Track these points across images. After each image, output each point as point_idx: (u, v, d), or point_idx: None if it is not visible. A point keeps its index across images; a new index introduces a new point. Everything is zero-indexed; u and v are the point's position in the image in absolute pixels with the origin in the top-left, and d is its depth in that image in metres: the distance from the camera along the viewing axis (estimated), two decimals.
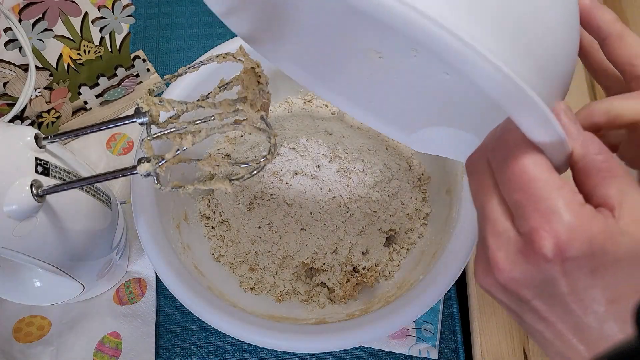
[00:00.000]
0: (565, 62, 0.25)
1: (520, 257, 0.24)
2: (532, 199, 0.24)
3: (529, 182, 0.24)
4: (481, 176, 0.27)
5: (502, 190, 0.25)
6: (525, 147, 0.24)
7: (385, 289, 0.52)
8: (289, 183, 0.51)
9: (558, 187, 0.24)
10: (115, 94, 0.63)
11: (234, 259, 0.53)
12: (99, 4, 0.53)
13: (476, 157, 0.28)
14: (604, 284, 0.24)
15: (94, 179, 0.39)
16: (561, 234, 0.23)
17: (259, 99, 0.36)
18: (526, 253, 0.24)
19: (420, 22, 0.20)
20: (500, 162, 0.25)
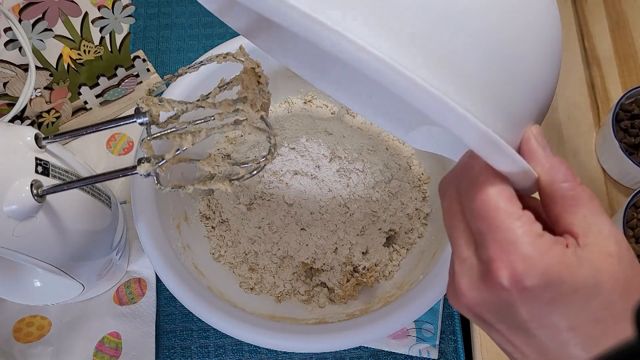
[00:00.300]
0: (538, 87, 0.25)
1: (481, 284, 0.25)
2: (492, 228, 0.24)
3: (489, 211, 0.25)
4: (449, 201, 0.28)
5: (467, 216, 0.26)
6: (488, 175, 0.25)
7: (385, 289, 0.52)
8: (289, 183, 0.51)
9: (517, 217, 0.24)
10: (115, 94, 0.63)
11: (234, 259, 0.53)
12: (99, 4, 0.53)
13: (447, 180, 0.28)
14: (563, 312, 0.24)
15: (94, 179, 0.39)
16: (517, 265, 0.24)
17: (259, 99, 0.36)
18: (486, 281, 0.25)
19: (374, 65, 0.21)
20: (465, 190, 0.26)
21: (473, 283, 0.26)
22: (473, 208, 0.25)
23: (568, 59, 0.67)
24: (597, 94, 0.66)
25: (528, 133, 0.25)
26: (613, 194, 0.61)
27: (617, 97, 0.62)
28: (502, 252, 0.24)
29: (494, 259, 0.24)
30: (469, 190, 0.26)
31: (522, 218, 0.24)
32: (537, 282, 0.24)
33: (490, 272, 0.24)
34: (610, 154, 0.59)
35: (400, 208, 0.54)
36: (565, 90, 0.66)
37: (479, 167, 0.25)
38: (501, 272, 0.24)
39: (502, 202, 0.24)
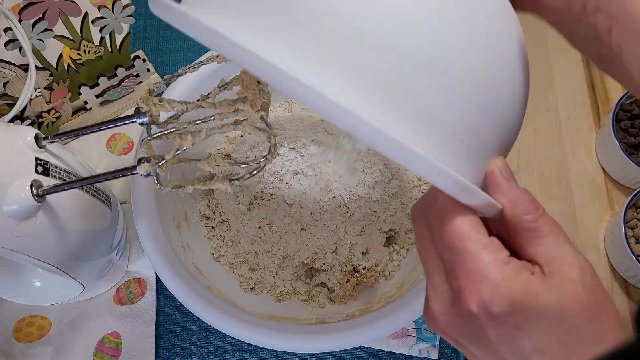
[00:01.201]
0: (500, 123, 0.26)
1: (452, 311, 0.27)
2: (459, 258, 0.26)
3: (455, 241, 0.26)
4: (421, 229, 0.29)
5: (436, 246, 0.27)
6: (453, 205, 0.26)
7: (385, 289, 0.52)
8: (289, 183, 0.51)
9: (483, 246, 0.25)
10: (115, 94, 0.63)
11: (234, 259, 0.53)
12: (99, 4, 0.53)
13: (416, 209, 0.29)
14: (529, 336, 0.25)
15: (94, 179, 0.39)
16: (484, 293, 0.25)
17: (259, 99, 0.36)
18: (456, 308, 0.26)
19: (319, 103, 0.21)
20: (433, 220, 0.27)
21: (445, 309, 0.27)
22: (441, 239, 0.26)
23: (568, 59, 0.67)
24: (597, 94, 0.66)
25: (492, 166, 0.27)
26: (613, 194, 0.61)
27: (617, 97, 0.62)
28: (469, 281, 0.25)
29: (462, 288, 0.25)
30: (436, 221, 0.27)
31: (488, 246, 0.26)
32: (503, 309, 0.25)
33: (460, 300, 0.26)
34: (610, 154, 0.59)
35: (400, 208, 0.54)
36: (565, 90, 0.66)
37: (444, 198, 0.26)
38: (470, 301, 0.25)
39: (467, 232, 0.26)
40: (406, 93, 0.23)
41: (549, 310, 0.25)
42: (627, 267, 0.55)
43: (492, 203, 0.26)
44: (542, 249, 0.26)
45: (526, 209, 0.26)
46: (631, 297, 0.57)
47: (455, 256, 0.26)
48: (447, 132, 0.24)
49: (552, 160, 0.62)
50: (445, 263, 0.27)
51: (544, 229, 0.26)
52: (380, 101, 0.22)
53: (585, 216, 0.60)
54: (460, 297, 0.26)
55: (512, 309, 0.25)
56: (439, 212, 0.26)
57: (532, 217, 0.26)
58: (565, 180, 0.61)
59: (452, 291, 0.27)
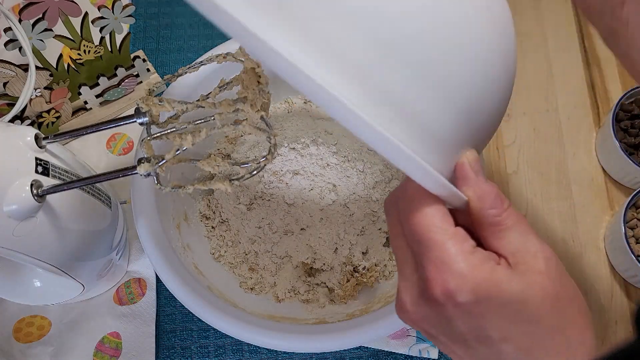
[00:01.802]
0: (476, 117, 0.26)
1: (421, 301, 0.27)
2: (425, 249, 0.26)
3: (423, 233, 0.26)
4: (392, 220, 0.29)
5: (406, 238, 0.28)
6: (421, 197, 0.26)
7: (385, 289, 0.52)
8: (289, 183, 0.51)
9: (450, 236, 0.26)
10: (115, 94, 0.63)
11: (234, 259, 0.53)
12: (99, 4, 0.53)
13: (389, 201, 0.30)
14: (494, 325, 0.26)
15: (94, 179, 0.39)
16: (450, 283, 0.25)
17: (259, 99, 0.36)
18: (425, 298, 0.27)
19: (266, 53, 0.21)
20: (402, 212, 0.28)
21: (414, 299, 0.28)
22: (409, 230, 0.27)
23: (568, 59, 0.67)
24: (597, 94, 0.66)
25: (463, 158, 0.27)
26: (613, 194, 0.61)
27: (617, 97, 0.62)
28: (436, 271, 0.26)
29: (429, 278, 0.26)
30: (405, 212, 0.27)
31: (454, 237, 0.26)
32: (468, 298, 0.26)
33: (427, 289, 0.26)
34: (610, 154, 0.59)
35: None
36: (565, 90, 0.66)
37: (413, 189, 0.27)
38: (436, 290, 0.26)
39: (434, 222, 0.26)
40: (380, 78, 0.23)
41: (511, 299, 0.26)
42: (627, 267, 0.55)
43: (458, 195, 0.27)
44: (506, 242, 0.27)
45: (492, 203, 0.27)
46: (631, 297, 0.57)
47: (423, 247, 0.26)
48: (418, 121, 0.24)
49: (552, 160, 0.62)
50: (415, 254, 0.27)
51: (507, 222, 0.27)
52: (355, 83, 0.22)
53: (585, 216, 0.60)
54: (427, 286, 0.26)
55: (477, 298, 0.26)
56: (409, 202, 0.27)
57: (496, 212, 0.27)
58: (565, 180, 0.62)
59: (420, 281, 0.27)
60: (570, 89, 0.66)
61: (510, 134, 0.64)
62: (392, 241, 0.29)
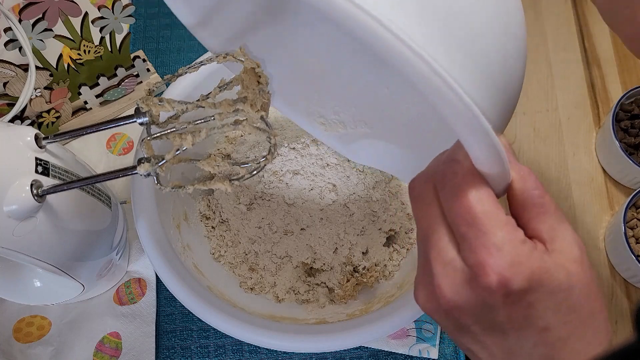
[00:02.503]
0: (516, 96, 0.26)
1: (465, 287, 0.26)
2: (479, 234, 0.25)
3: (476, 217, 0.25)
4: (427, 203, 0.28)
5: (450, 220, 0.27)
6: (474, 180, 0.26)
7: (385, 289, 0.52)
8: (289, 183, 0.51)
9: (503, 224, 0.25)
10: (115, 94, 0.63)
11: (234, 259, 0.53)
12: (99, 4, 0.53)
13: (421, 181, 0.29)
14: (537, 315, 0.26)
15: (94, 179, 0.39)
16: (505, 270, 0.25)
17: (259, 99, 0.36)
18: (472, 284, 0.26)
19: (392, 44, 0.20)
20: (449, 194, 0.27)
21: (456, 286, 0.27)
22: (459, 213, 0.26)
23: (568, 59, 0.67)
24: (597, 94, 0.66)
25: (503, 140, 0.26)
26: (613, 194, 0.61)
27: (617, 97, 0.62)
28: (490, 256, 0.25)
29: (482, 263, 0.25)
30: (454, 196, 0.26)
31: (508, 224, 0.26)
32: (522, 285, 0.25)
33: (478, 275, 0.25)
34: (610, 154, 0.59)
35: (401, 208, 0.54)
36: (565, 90, 0.66)
37: (463, 172, 0.26)
38: (490, 277, 0.25)
39: (489, 209, 0.25)
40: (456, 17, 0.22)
41: (559, 287, 0.26)
42: (627, 267, 0.55)
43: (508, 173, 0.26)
44: (547, 226, 0.27)
45: (534, 184, 0.27)
46: (631, 297, 0.57)
47: (476, 231, 0.25)
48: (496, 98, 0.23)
49: (552, 160, 0.62)
50: (460, 238, 0.26)
51: (550, 206, 0.27)
52: (456, 54, 0.22)
53: (585, 216, 0.60)
54: (479, 272, 0.25)
55: (530, 286, 0.25)
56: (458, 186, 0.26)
57: (540, 193, 0.27)
58: (565, 180, 0.62)
59: (466, 267, 0.26)
60: (570, 89, 0.66)
61: (510, 133, 0.64)
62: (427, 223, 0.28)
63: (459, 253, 0.27)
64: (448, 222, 0.27)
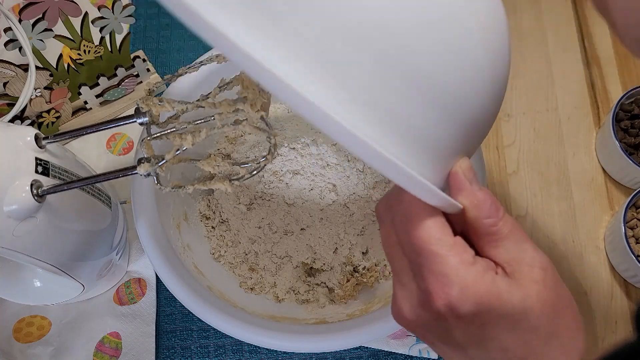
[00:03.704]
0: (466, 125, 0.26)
1: (420, 310, 0.27)
2: (426, 261, 0.26)
3: (422, 245, 0.26)
4: (387, 228, 0.29)
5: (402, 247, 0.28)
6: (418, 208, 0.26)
7: (385, 289, 0.52)
8: (289, 183, 0.51)
9: (449, 248, 0.26)
10: (115, 94, 0.63)
11: (234, 259, 0.53)
12: (99, 4, 0.53)
13: (381, 208, 0.30)
14: (493, 336, 0.26)
15: (94, 179, 0.39)
16: (452, 296, 0.25)
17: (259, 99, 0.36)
18: (425, 307, 0.27)
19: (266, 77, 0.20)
20: (398, 222, 0.27)
21: (413, 307, 0.28)
22: (407, 241, 0.27)
23: (568, 59, 0.67)
24: (597, 94, 0.66)
25: (456, 167, 0.27)
26: (613, 194, 0.61)
27: (617, 97, 0.62)
28: (437, 283, 0.26)
29: (430, 290, 0.26)
30: (402, 224, 0.27)
31: (454, 248, 0.26)
32: (470, 310, 0.25)
33: (428, 301, 0.26)
34: (610, 154, 0.59)
35: None
36: (565, 90, 0.66)
37: (409, 200, 0.26)
38: (438, 302, 0.26)
39: (434, 234, 0.26)
40: (372, 92, 0.22)
41: (512, 310, 0.26)
42: (627, 267, 0.55)
43: (454, 205, 0.26)
44: (502, 251, 0.27)
45: (487, 213, 0.27)
46: (631, 297, 0.57)
47: (423, 259, 0.26)
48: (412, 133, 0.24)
49: (552, 160, 0.62)
50: (412, 264, 0.27)
51: (503, 231, 0.27)
52: (340, 92, 0.22)
53: (585, 216, 0.60)
54: (428, 298, 0.26)
55: (478, 310, 0.25)
56: (405, 213, 0.27)
57: (492, 221, 0.27)
58: (565, 180, 0.62)
59: (420, 291, 0.27)
60: (570, 89, 0.66)
61: (510, 134, 0.64)
62: (386, 248, 0.29)
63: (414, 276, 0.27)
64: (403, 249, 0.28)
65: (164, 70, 0.68)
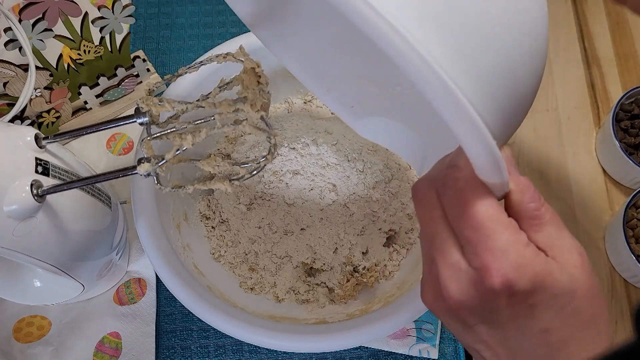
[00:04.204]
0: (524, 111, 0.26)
1: (471, 288, 0.27)
2: (483, 238, 0.26)
3: (479, 221, 0.26)
4: (430, 208, 0.29)
5: (453, 225, 0.27)
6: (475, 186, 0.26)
7: (385, 289, 0.52)
8: (289, 183, 0.51)
9: (506, 227, 0.26)
10: (115, 94, 0.63)
11: (234, 259, 0.53)
12: (99, 4, 0.53)
13: (424, 186, 0.29)
14: (539, 317, 0.27)
15: (94, 179, 0.39)
16: (509, 272, 0.25)
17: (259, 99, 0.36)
18: (477, 286, 0.27)
19: (407, 56, 0.20)
20: (451, 199, 0.27)
21: (462, 287, 0.27)
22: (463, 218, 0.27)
23: (568, 59, 0.67)
24: (597, 94, 0.66)
25: (506, 151, 0.27)
26: (613, 194, 0.61)
27: (617, 97, 0.62)
28: (495, 259, 0.26)
29: (487, 266, 0.26)
30: (456, 201, 0.27)
31: (510, 227, 0.26)
32: (525, 287, 0.26)
33: (483, 278, 0.26)
34: (610, 154, 0.59)
35: (401, 208, 0.54)
36: (565, 90, 0.66)
37: (465, 179, 0.26)
38: (495, 279, 0.26)
39: (492, 212, 0.26)
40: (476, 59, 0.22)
41: (562, 290, 0.26)
42: (627, 267, 0.55)
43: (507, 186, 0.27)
44: (544, 235, 0.27)
45: (531, 197, 0.27)
46: (631, 297, 0.57)
47: (479, 236, 0.26)
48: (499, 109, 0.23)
49: (552, 160, 0.62)
50: (465, 241, 0.27)
51: (545, 216, 0.27)
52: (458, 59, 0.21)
53: (585, 216, 0.60)
54: (485, 275, 0.26)
55: (533, 288, 0.26)
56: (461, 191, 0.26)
57: (535, 205, 0.27)
58: (565, 180, 0.61)
59: (472, 269, 0.27)
60: (570, 89, 0.66)
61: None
62: (430, 228, 0.29)
63: (464, 255, 0.27)
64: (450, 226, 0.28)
65: (164, 70, 0.68)
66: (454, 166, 0.27)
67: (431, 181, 0.29)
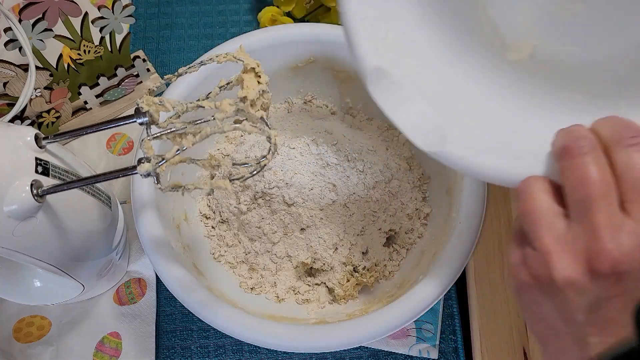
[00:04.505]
0: None
1: (590, 263, 0.27)
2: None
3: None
4: (595, 165, 0.29)
5: (628, 180, 0.28)
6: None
7: (385, 289, 0.52)
8: (289, 183, 0.51)
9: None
10: (115, 94, 0.63)
11: (234, 259, 0.53)
12: (99, 4, 0.53)
13: (590, 143, 0.29)
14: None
15: (94, 179, 0.39)
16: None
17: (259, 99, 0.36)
18: (596, 263, 0.27)
19: None
20: (623, 158, 0.28)
21: (578, 264, 0.27)
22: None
23: None
24: None
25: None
26: None
27: None
28: (631, 237, 0.27)
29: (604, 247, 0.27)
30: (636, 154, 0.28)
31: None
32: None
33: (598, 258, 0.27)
34: None
35: (400, 208, 0.54)
36: None
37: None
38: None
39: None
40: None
41: None
42: None
43: None
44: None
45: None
46: None
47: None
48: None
49: None
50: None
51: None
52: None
53: None
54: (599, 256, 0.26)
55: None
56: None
57: None
58: None
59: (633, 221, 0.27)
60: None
61: None
62: (592, 185, 0.28)
63: (629, 216, 0.27)
64: (617, 186, 0.28)
65: (164, 70, 0.68)
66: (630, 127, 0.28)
67: (591, 137, 0.29)
